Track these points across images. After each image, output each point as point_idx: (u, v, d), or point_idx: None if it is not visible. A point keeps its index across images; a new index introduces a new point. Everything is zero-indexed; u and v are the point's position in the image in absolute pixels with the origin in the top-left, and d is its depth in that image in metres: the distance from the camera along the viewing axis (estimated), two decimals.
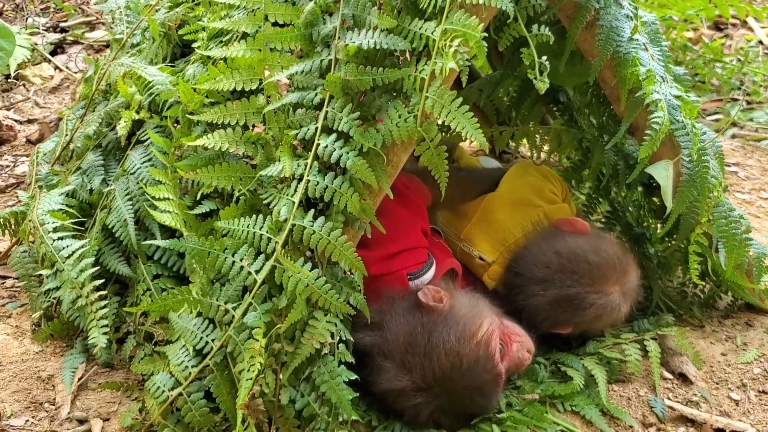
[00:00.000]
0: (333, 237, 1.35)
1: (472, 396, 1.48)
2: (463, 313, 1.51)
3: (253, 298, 1.37)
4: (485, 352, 1.48)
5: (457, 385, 1.46)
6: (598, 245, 1.71)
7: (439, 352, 1.45)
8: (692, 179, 1.66)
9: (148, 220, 1.63)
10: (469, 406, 1.50)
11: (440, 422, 1.50)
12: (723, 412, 1.63)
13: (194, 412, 1.41)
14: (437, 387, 1.45)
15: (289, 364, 1.38)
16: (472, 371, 1.46)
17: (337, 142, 1.38)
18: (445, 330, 1.47)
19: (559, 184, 1.96)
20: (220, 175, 1.47)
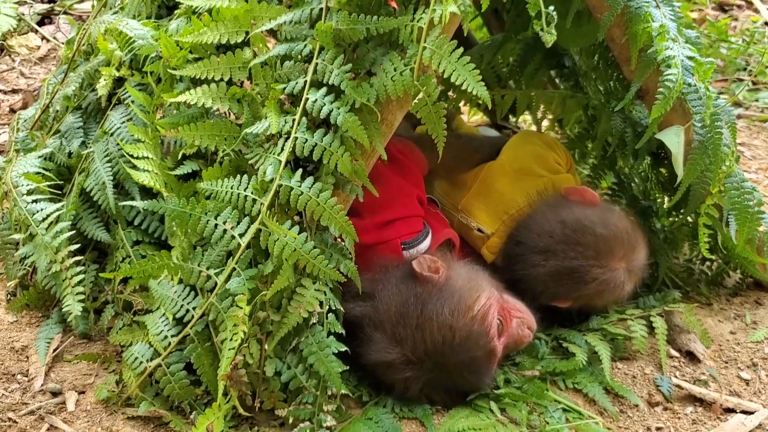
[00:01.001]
0: (322, 199, 1.26)
1: (464, 372, 1.40)
2: (460, 285, 1.43)
3: (237, 264, 1.29)
4: (480, 327, 1.39)
5: (449, 360, 1.37)
6: (606, 218, 1.62)
7: (432, 325, 1.36)
8: (704, 146, 1.56)
9: (128, 183, 1.53)
10: (461, 383, 1.42)
11: (431, 397, 1.42)
12: (733, 392, 1.55)
13: (173, 384, 1.33)
14: (428, 361, 1.37)
15: (275, 334, 1.29)
16: (464, 346, 1.37)
17: (327, 96, 1.28)
18: (439, 302, 1.38)
19: (563, 154, 1.86)
20: (203, 134, 1.37)
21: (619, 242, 1.58)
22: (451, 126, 2.08)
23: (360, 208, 1.57)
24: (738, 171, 1.68)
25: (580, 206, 1.66)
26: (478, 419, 1.39)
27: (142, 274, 1.34)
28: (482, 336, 1.40)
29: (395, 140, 1.70)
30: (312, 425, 1.30)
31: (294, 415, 1.30)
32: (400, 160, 1.67)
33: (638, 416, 1.48)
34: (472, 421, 1.38)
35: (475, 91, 1.21)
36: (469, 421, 1.37)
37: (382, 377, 1.42)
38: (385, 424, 1.36)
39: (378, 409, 1.40)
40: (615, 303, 1.68)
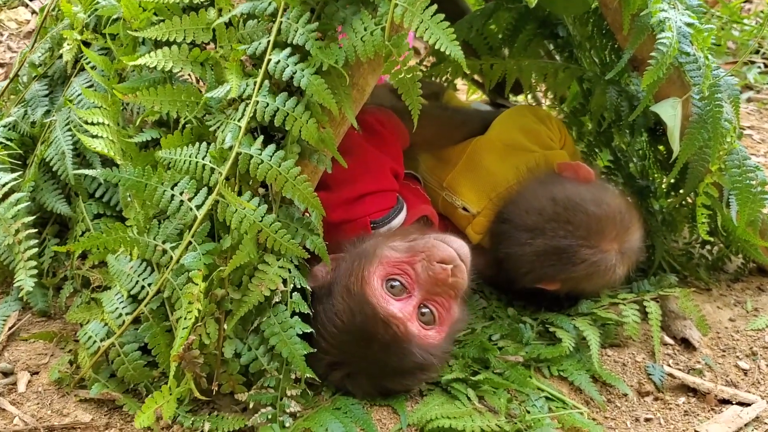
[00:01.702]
0: (284, 168, 1.17)
1: (378, 354, 1.26)
2: (342, 271, 1.32)
3: (193, 237, 1.20)
4: (363, 307, 1.26)
5: (353, 348, 1.27)
6: (600, 196, 1.52)
7: (325, 326, 1.27)
8: (703, 120, 1.46)
9: (89, 153, 1.45)
10: (381, 368, 1.28)
11: (386, 388, 1.32)
12: (729, 382, 1.46)
13: (127, 365, 1.25)
14: (348, 355, 1.28)
15: (235, 313, 1.21)
16: (357, 328, 1.26)
17: (291, 57, 1.19)
18: (328, 297, 1.30)
19: (557, 129, 1.76)
20: (163, 99, 1.28)
21: (612, 222, 1.48)
22: (439, 99, 2.00)
23: (329, 180, 1.47)
24: (740, 148, 1.58)
25: (572, 183, 1.56)
26: (454, 407, 1.30)
27: (97, 247, 1.25)
28: (371, 316, 1.25)
29: (374, 109, 1.61)
30: (274, 411, 1.22)
31: (255, 399, 1.22)
32: (378, 131, 1.58)
33: (627, 406, 1.38)
34: (447, 408, 1.29)
35: (448, 52, 1.11)
36: (443, 409, 1.28)
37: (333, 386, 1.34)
38: (354, 415, 1.27)
39: (348, 398, 1.31)
40: (606, 287, 1.58)
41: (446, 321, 1.34)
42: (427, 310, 1.31)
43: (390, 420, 1.29)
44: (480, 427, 1.24)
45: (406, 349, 1.26)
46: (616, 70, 1.40)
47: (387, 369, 1.28)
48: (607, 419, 1.35)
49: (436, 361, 1.32)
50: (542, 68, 1.69)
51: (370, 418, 1.27)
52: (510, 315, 1.59)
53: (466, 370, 1.39)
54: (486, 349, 1.43)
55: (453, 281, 1.31)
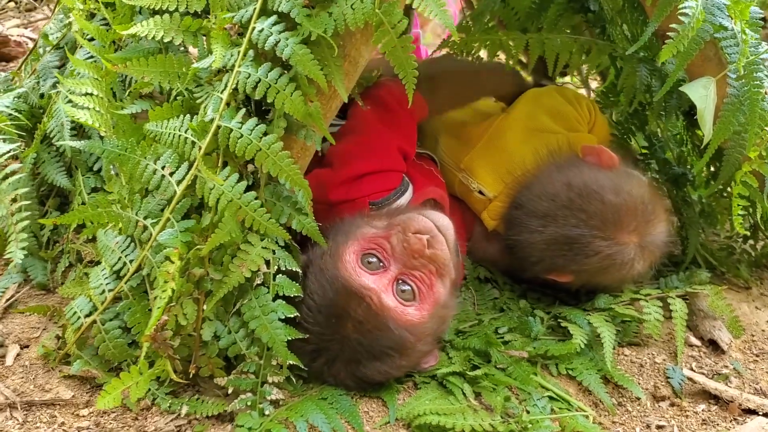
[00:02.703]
0: (265, 143, 1.10)
1: (352, 334, 1.18)
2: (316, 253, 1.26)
3: (172, 213, 1.15)
4: (336, 284, 1.19)
5: (334, 327, 1.19)
6: (621, 184, 1.40)
7: (304, 305, 1.20)
8: (739, 101, 1.33)
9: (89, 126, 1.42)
10: (356, 348, 1.19)
11: (365, 376, 1.22)
12: (758, 391, 1.33)
13: (108, 343, 1.21)
14: (324, 339, 1.20)
15: (215, 294, 1.15)
16: (335, 309, 1.19)
17: (276, 26, 1.12)
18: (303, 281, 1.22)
19: (586, 110, 1.64)
20: (154, 70, 1.23)
21: (631, 213, 1.36)
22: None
23: (333, 158, 1.41)
24: None
25: (593, 169, 1.45)
26: (447, 402, 1.22)
27: (91, 222, 1.22)
28: (345, 292, 1.18)
29: (392, 84, 1.52)
30: (254, 397, 1.17)
31: (234, 384, 1.17)
32: (392, 109, 1.49)
33: (638, 411, 1.28)
34: (439, 404, 1.21)
35: (438, 18, 1.03)
36: (435, 404, 1.21)
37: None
38: (341, 406, 1.20)
39: (336, 389, 1.24)
40: (626, 282, 1.47)
41: (428, 299, 1.24)
42: (407, 287, 1.23)
43: (378, 413, 1.22)
44: (471, 426, 1.16)
45: (381, 324, 1.18)
46: (638, 45, 1.28)
47: (362, 350, 1.19)
48: (615, 424, 1.25)
49: (415, 342, 1.22)
50: (568, 44, 1.56)
51: (357, 410, 1.20)
52: (521, 307, 1.49)
53: (466, 364, 1.31)
54: (489, 343, 1.34)
55: (431, 253, 1.23)
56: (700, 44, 1.27)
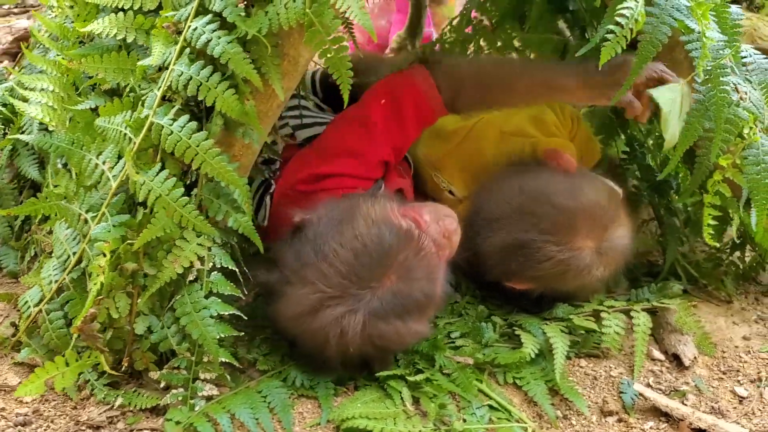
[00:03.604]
0: (194, 140, 1.11)
1: (404, 279, 1.18)
2: (343, 210, 1.25)
3: (107, 208, 1.17)
4: (390, 226, 1.20)
5: (375, 272, 1.18)
6: (578, 187, 1.36)
7: (334, 250, 1.19)
8: (704, 107, 1.27)
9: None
10: (411, 293, 1.19)
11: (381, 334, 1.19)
12: (715, 410, 1.27)
13: (51, 333, 1.24)
14: (352, 287, 1.17)
15: (149, 289, 1.17)
16: (385, 250, 1.18)
17: (210, 25, 1.12)
18: (328, 230, 1.22)
19: (569, 120, 1.60)
20: (108, 67, 1.25)
21: (586, 217, 1.32)
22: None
23: (325, 142, 1.44)
24: (763, 142, 1.36)
25: (552, 173, 1.41)
26: (382, 406, 1.21)
27: (32, 213, 1.26)
28: (399, 232, 1.20)
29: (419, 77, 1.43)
30: (186, 393, 1.18)
31: (166, 379, 1.18)
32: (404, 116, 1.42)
33: (581, 425, 1.24)
34: (372, 407, 1.20)
35: (358, 20, 1.01)
36: (368, 407, 1.19)
37: (315, 333, 1.20)
38: (274, 400, 1.21)
39: (273, 381, 1.25)
40: (589, 290, 1.42)
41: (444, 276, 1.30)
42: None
43: (312, 414, 1.22)
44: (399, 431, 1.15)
45: (427, 273, 1.22)
46: (587, 48, 1.23)
47: (393, 303, 1.18)
48: None
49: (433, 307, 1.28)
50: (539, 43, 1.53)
51: (290, 410, 1.20)
52: (478, 312, 1.46)
53: (410, 368, 1.29)
54: (436, 347, 1.31)
55: (455, 239, 1.32)
56: (657, 46, 1.22)
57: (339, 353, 1.19)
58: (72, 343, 1.14)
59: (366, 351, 1.21)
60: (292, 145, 1.52)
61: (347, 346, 1.18)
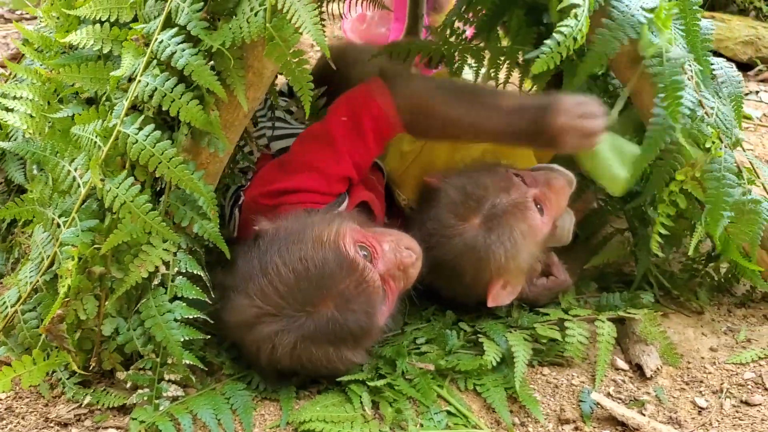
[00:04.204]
0: (158, 149, 1.15)
1: (341, 311, 1.21)
2: (298, 226, 1.28)
3: (77, 213, 1.21)
4: (337, 252, 1.23)
5: (314, 298, 1.21)
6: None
7: (276, 268, 1.22)
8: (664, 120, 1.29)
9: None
10: (343, 327, 1.21)
11: (311, 358, 1.23)
12: (672, 420, 1.28)
13: (25, 332, 1.29)
14: (289, 307, 1.21)
15: (116, 292, 1.21)
16: (326, 277, 1.21)
17: (175, 38, 1.17)
18: (277, 245, 1.25)
19: None
20: (85, 77, 1.30)
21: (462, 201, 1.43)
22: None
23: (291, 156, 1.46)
24: (726, 158, 1.38)
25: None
26: (341, 410, 1.24)
27: (11, 216, 1.31)
28: (344, 260, 1.22)
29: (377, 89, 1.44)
30: (151, 393, 1.22)
31: (132, 379, 1.22)
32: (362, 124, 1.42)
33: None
34: (331, 411, 1.23)
35: (311, 35, 1.05)
36: (326, 411, 1.23)
37: (251, 347, 1.26)
38: (237, 402, 1.24)
39: (237, 384, 1.28)
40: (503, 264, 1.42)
41: (389, 307, 1.33)
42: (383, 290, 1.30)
43: (273, 417, 1.25)
44: None
45: (366, 304, 1.23)
46: (535, 53, 1.24)
47: (327, 330, 1.21)
48: None
49: (370, 339, 1.31)
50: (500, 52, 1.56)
51: (252, 411, 1.24)
52: (446, 319, 1.49)
53: (372, 372, 1.32)
54: (399, 353, 1.34)
55: (412, 272, 1.33)
56: (603, 59, 1.25)
57: (270, 367, 1.25)
58: (40, 343, 1.18)
59: (295, 369, 1.25)
60: (267, 155, 1.56)
61: (277, 362, 1.23)
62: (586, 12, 1.18)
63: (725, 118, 1.40)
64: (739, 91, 1.46)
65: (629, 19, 1.23)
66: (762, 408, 1.32)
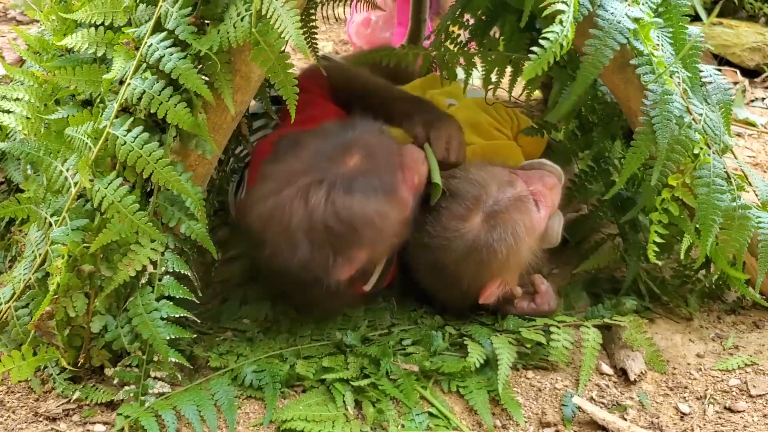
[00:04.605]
0: (146, 151, 1.18)
1: (367, 157, 1.29)
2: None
3: (68, 212, 1.24)
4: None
5: (339, 152, 1.31)
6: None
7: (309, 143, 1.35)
8: (650, 129, 1.30)
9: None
10: (378, 171, 1.30)
11: (343, 204, 1.25)
12: (654, 425, 1.29)
13: (18, 329, 1.32)
14: (319, 163, 1.29)
15: (104, 290, 1.24)
16: (349, 138, 1.34)
17: (164, 42, 1.19)
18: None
19: (506, 115, 1.65)
20: (80, 79, 1.33)
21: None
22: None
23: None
24: (715, 164, 1.38)
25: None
26: (324, 409, 1.26)
27: (7, 215, 1.34)
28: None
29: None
30: (137, 389, 1.24)
31: (119, 376, 1.25)
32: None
33: None
34: (314, 410, 1.25)
35: (292, 40, 1.07)
36: (309, 410, 1.25)
37: (279, 211, 1.27)
38: (220, 398, 1.26)
39: (222, 379, 1.30)
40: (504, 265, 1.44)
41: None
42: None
43: (257, 415, 1.27)
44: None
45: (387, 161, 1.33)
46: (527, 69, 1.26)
47: (361, 179, 1.27)
48: None
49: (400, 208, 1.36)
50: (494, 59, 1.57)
51: (235, 408, 1.26)
52: (433, 322, 1.50)
53: (356, 371, 1.33)
54: (384, 353, 1.36)
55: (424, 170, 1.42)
56: (599, 68, 1.26)
57: (305, 228, 1.24)
58: (29, 339, 1.21)
59: (332, 225, 1.24)
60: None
61: (311, 216, 1.24)
62: (570, 18, 1.18)
63: (714, 125, 1.41)
64: (728, 98, 1.46)
65: (616, 26, 1.24)
66: (745, 415, 1.32)
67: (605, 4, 1.26)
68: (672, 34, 1.39)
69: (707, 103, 1.45)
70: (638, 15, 1.27)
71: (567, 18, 1.15)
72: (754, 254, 1.50)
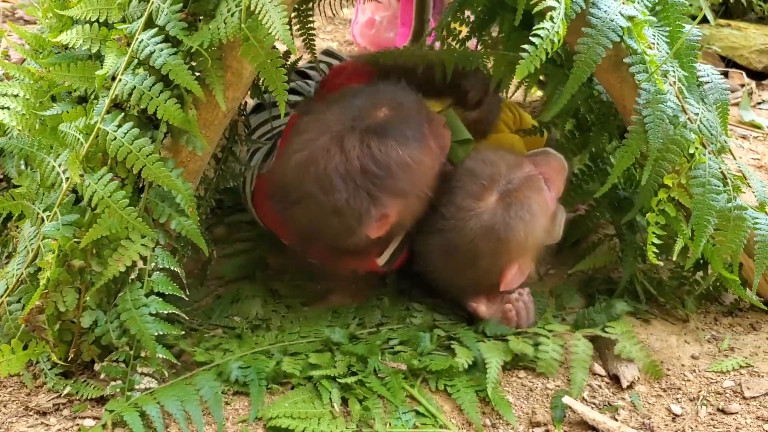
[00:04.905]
0: (135, 146, 1.18)
1: (394, 109, 1.35)
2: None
3: (59, 208, 1.25)
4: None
5: (368, 106, 1.37)
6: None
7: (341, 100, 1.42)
8: (642, 129, 1.29)
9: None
10: (407, 119, 1.36)
11: (378, 146, 1.31)
12: (645, 426, 1.28)
13: (10, 323, 1.32)
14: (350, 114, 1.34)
15: (94, 285, 1.24)
16: (378, 92, 1.42)
17: (155, 38, 1.20)
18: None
19: (507, 110, 1.64)
20: (75, 75, 1.33)
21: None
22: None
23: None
24: (711, 164, 1.37)
25: None
26: (310, 406, 1.25)
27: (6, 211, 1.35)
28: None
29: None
30: (123, 385, 1.24)
31: (106, 371, 1.25)
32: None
33: None
34: (300, 407, 1.25)
35: (279, 36, 1.07)
36: (295, 407, 1.24)
37: (314, 160, 1.31)
38: (206, 393, 1.26)
39: (208, 375, 1.30)
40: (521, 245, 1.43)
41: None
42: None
43: (245, 412, 1.27)
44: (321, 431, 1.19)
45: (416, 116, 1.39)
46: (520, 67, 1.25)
47: (391, 125, 1.32)
48: None
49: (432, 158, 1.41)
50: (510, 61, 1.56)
51: (221, 404, 1.25)
52: (422, 322, 1.49)
53: (344, 369, 1.33)
54: (371, 351, 1.36)
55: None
56: (592, 66, 1.25)
57: (341, 172, 1.28)
58: (19, 333, 1.21)
59: (368, 168, 1.28)
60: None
61: (347, 160, 1.27)
62: (562, 14, 1.18)
63: (710, 125, 1.40)
64: (726, 98, 1.45)
65: (609, 24, 1.23)
66: (738, 416, 1.31)
67: (598, 1, 1.25)
68: (669, 33, 1.38)
69: (704, 102, 1.44)
70: (632, 13, 1.26)
71: (558, 14, 1.14)
72: (752, 255, 1.49)
